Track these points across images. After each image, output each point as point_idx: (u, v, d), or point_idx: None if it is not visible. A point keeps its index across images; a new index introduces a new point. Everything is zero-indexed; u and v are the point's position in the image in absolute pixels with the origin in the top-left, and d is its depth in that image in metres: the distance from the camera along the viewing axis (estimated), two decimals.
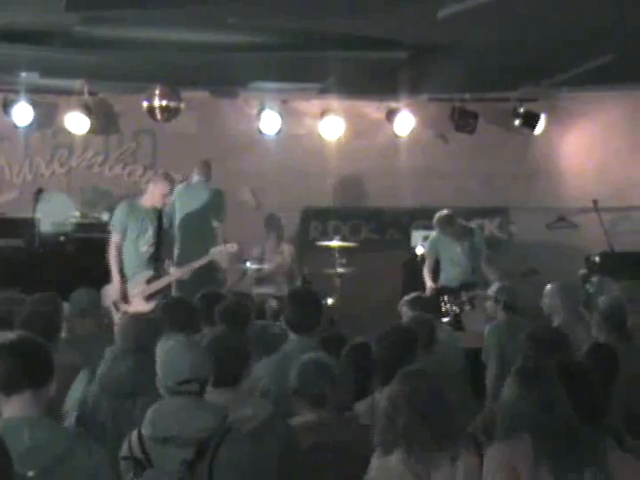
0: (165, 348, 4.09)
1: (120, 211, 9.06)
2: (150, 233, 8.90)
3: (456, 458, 3.83)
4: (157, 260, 8.95)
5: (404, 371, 4.07)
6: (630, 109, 11.94)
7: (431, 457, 3.84)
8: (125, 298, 8.63)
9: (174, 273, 8.97)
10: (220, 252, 9.22)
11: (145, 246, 8.88)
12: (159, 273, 8.88)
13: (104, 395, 4.84)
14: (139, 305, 8.51)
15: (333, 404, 4.56)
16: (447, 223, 9.74)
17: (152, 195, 9.03)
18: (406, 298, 7.58)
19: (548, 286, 7.97)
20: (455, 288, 9.65)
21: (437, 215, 9.80)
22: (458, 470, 3.82)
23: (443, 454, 3.84)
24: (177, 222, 9.89)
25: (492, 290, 7.86)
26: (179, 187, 10.15)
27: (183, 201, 10.08)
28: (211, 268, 9.48)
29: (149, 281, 8.78)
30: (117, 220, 8.98)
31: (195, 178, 10.34)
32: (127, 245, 8.88)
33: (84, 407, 4.90)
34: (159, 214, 9.00)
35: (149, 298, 8.60)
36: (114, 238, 8.89)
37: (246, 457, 3.91)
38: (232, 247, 9.24)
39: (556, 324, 7.01)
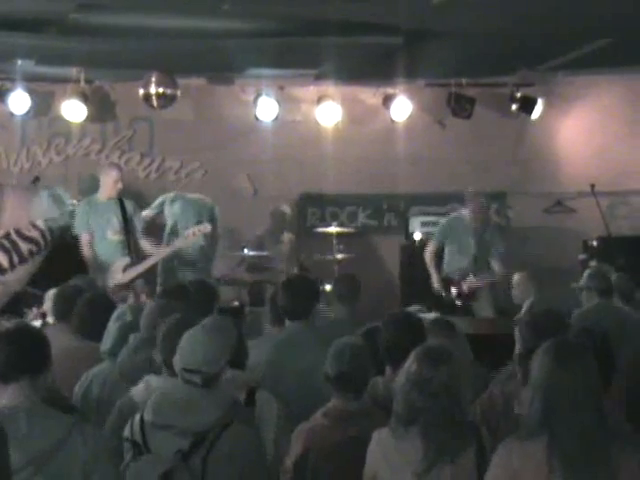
0: (190, 331, 4.06)
1: (79, 212, 9.35)
2: (115, 222, 9.14)
3: (463, 448, 3.72)
4: (129, 247, 9.08)
5: (425, 349, 3.88)
6: (627, 93, 11.90)
7: (445, 440, 3.72)
8: None
9: (153, 257, 9.06)
10: (194, 234, 9.29)
11: (113, 235, 9.12)
12: (135, 260, 9.01)
13: (123, 382, 4.82)
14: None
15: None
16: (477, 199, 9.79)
17: (106, 186, 9.26)
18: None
19: (516, 276, 7.96)
20: (456, 279, 9.64)
21: (469, 192, 9.77)
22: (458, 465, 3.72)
23: (455, 439, 3.73)
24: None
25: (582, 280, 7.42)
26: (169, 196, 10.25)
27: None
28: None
29: (125, 269, 8.89)
30: (78, 221, 9.26)
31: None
32: (97, 238, 9.14)
33: (102, 391, 4.92)
34: (120, 202, 9.18)
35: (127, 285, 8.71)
36: (82, 238, 9.16)
37: (245, 453, 3.84)
38: (205, 228, 9.33)
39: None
